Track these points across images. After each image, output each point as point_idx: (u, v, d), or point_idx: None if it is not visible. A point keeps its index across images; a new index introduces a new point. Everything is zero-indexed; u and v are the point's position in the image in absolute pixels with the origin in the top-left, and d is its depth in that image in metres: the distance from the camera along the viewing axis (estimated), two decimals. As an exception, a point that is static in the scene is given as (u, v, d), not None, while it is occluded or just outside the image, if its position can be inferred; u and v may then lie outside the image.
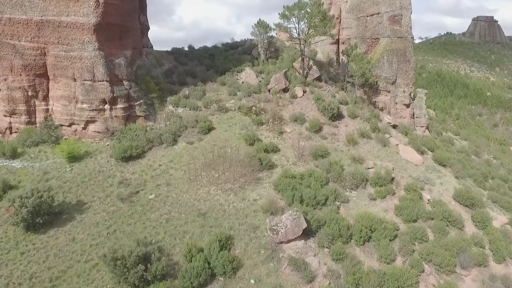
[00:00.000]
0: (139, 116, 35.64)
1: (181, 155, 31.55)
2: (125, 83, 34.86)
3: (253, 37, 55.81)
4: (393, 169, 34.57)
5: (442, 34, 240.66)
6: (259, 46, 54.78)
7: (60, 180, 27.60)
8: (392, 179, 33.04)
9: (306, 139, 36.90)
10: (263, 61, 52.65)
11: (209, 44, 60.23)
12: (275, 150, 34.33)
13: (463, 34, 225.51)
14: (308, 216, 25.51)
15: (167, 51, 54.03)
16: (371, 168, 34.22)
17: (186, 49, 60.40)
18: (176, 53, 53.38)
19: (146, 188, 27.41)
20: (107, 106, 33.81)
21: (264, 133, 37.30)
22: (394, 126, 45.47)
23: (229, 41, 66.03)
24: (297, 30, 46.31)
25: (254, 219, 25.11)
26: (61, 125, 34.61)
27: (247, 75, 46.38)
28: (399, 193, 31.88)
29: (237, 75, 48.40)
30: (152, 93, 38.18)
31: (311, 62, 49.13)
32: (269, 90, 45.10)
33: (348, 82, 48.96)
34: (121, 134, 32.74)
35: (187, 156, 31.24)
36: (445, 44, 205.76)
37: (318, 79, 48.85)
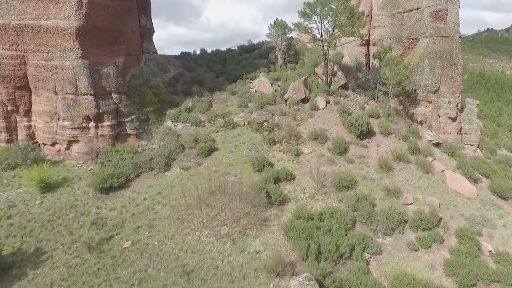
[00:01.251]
0: (130, 134, 30.60)
1: (172, 185, 26.05)
2: (114, 96, 29.90)
3: (269, 39, 49.63)
4: (439, 206, 27.18)
5: (482, 30, 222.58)
6: (276, 49, 48.57)
7: (24, 217, 22.94)
8: (439, 220, 25.72)
9: (327, 163, 30.31)
10: (280, 66, 46.39)
11: (234, 45, 54.78)
12: (289, 177, 28.02)
13: (506, 30, 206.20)
14: (327, 281, 19.06)
15: (175, 56, 49.14)
16: (410, 204, 27.05)
17: (199, 52, 55.45)
18: (184, 58, 48.30)
19: (123, 231, 22.09)
20: (91, 124, 29.00)
21: (277, 154, 31.11)
22: (437, 144, 37.62)
23: (247, 43, 60.54)
24: (320, 31, 39.72)
25: (254, 283, 18.99)
26: (44, 144, 30.32)
27: (261, 83, 40.32)
28: (449, 240, 24.55)
29: (250, 83, 42.47)
30: (148, 106, 33.09)
31: (336, 67, 42.26)
32: (285, 101, 38.81)
33: (380, 90, 41.60)
34: (106, 157, 27.80)
35: (179, 186, 25.69)
36: (486, 41, 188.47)
37: (344, 87, 41.89)
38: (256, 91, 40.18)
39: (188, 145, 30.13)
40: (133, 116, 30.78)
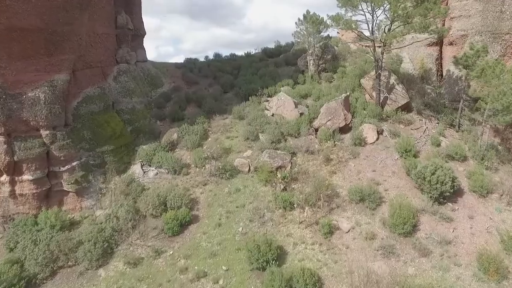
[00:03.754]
0: (68, 192, 20.14)
1: (101, 302, 15.08)
2: (44, 133, 19.58)
3: (297, 39, 37.07)
4: None
5: None
6: (307, 52, 35.97)
7: None
8: None
9: (382, 254, 17.38)
10: (311, 77, 33.72)
11: (258, 48, 43.63)
12: (312, 286, 15.62)
13: None
14: None
15: (175, 65, 38.54)
16: None
17: (211, 57, 44.52)
18: (185, 67, 37.47)
19: None
20: (3, 178, 18.97)
21: (294, 230, 18.79)
22: None
23: (274, 45, 48.43)
24: (370, 25, 26.54)
25: None
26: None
27: (281, 103, 28.01)
28: None
29: (267, 101, 30.42)
30: (107, 142, 22.48)
31: (393, 79, 28.72)
32: (315, 130, 26.28)
33: (465, 115, 27.33)
34: (14, 236, 17.46)
35: (112, 305, 14.64)
36: None
37: (406, 107, 28.27)
38: (273, 114, 28.03)
39: (150, 212, 18.92)
40: (74, 163, 20.25)
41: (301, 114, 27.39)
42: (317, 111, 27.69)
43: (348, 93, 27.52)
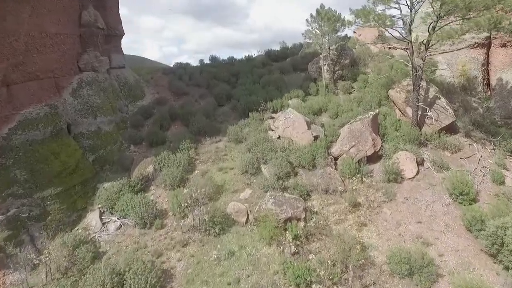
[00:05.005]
0: (-14, 260, 14.14)
1: None
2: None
3: (308, 40, 30.87)
4: None
5: None
6: (320, 56, 29.73)
7: None
8: None
9: None
10: (326, 87, 27.47)
11: (277, 46, 37.85)
12: None
13: None
14: None
15: (163, 70, 32.39)
16: None
17: (208, 61, 38.41)
18: (173, 74, 31.26)
19: None
20: None
21: (313, 323, 12.72)
22: None
23: (279, 46, 42.23)
24: (408, 22, 20.12)
25: None
26: None
27: (289, 123, 21.76)
28: None
29: (271, 118, 24.25)
30: (52, 184, 16.38)
31: (432, 91, 22.42)
32: (335, 159, 20.09)
33: (532, 139, 21.00)
34: None
35: None
36: None
37: (450, 127, 21.96)
38: (280, 136, 21.84)
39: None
40: (-3, 218, 14.21)
41: (316, 137, 21.16)
42: (335, 133, 21.51)
43: (377, 111, 21.25)
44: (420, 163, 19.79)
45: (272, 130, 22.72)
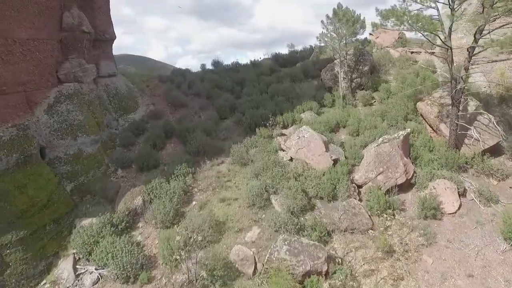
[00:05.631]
0: None
1: None
2: None
3: (322, 44, 27.64)
4: None
5: None
6: (335, 62, 26.50)
7: None
8: None
9: None
10: (344, 98, 24.17)
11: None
12: None
13: None
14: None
15: (159, 77, 29.26)
16: None
17: (210, 67, 35.26)
18: (170, 81, 28.10)
19: None
20: None
21: None
22: None
23: (287, 49, 39.14)
24: (449, 24, 16.74)
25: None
26: None
27: (303, 143, 18.45)
28: None
29: (282, 135, 21.02)
30: (13, 227, 13.28)
31: (473, 104, 19.05)
32: (358, 188, 16.86)
33: None
34: None
35: None
36: None
37: (493, 149, 18.56)
38: (292, 158, 18.60)
39: None
40: None
41: (335, 161, 17.89)
42: (358, 155, 18.27)
43: (408, 130, 17.89)
44: (461, 193, 16.49)
45: (283, 151, 19.51)
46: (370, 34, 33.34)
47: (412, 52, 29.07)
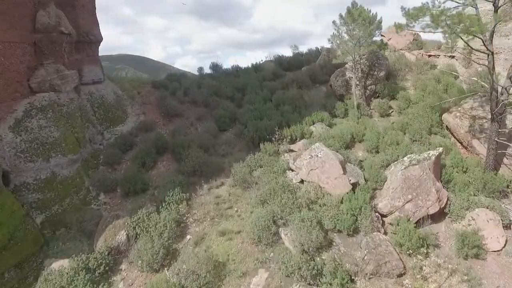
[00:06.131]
0: None
1: None
2: None
3: (332, 45, 25.08)
4: None
5: None
6: (347, 66, 23.92)
7: None
8: None
9: None
10: (358, 107, 21.57)
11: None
12: None
13: None
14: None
15: (153, 83, 26.55)
16: None
17: (209, 71, 32.60)
18: (163, 88, 25.39)
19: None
20: None
21: None
22: None
23: (291, 51, 36.54)
24: (491, 27, 14.20)
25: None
26: None
27: (317, 163, 15.82)
28: None
29: (290, 151, 18.41)
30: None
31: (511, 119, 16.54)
32: (382, 218, 14.28)
33: None
34: None
35: None
36: None
37: (535, 169, 16.05)
38: (303, 180, 15.99)
39: None
40: None
41: (354, 184, 15.31)
42: (380, 176, 15.70)
43: (440, 150, 15.30)
44: (507, 226, 13.94)
45: (292, 171, 16.89)
46: (382, 35, 30.76)
47: (429, 56, 26.54)
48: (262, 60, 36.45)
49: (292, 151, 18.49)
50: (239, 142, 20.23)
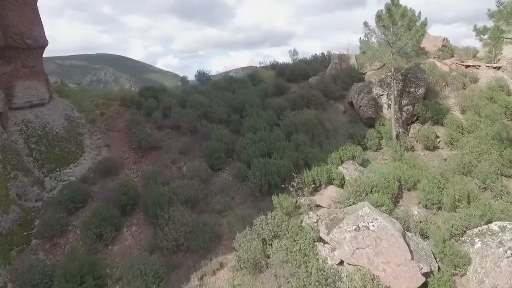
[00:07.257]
0: None
1: None
2: None
3: (364, 49, 19.82)
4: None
5: None
6: (372, 81, 18.66)
7: None
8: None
9: None
10: (397, 137, 16.34)
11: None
12: None
13: None
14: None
15: (121, 99, 20.41)
16: None
17: (193, 78, 26.74)
18: (140, 106, 19.36)
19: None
20: None
21: None
22: None
23: (289, 57, 31.23)
24: None
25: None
26: None
27: (366, 239, 10.40)
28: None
29: (314, 207, 12.95)
30: None
31: None
32: None
33: None
34: None
35: None
36: None
37: None
38: (343, 262, 10.56)
39: None
40: None
41: (426, 275, 9.97)
42: (458, 255, 10.45)
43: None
44: None
45: (325, 243, 11.37)
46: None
47: (467, 66, 21.77)
48: (258, 66, 31.18)
49: (318, 206, 13.01)
50: (240, 189, 14.52)
